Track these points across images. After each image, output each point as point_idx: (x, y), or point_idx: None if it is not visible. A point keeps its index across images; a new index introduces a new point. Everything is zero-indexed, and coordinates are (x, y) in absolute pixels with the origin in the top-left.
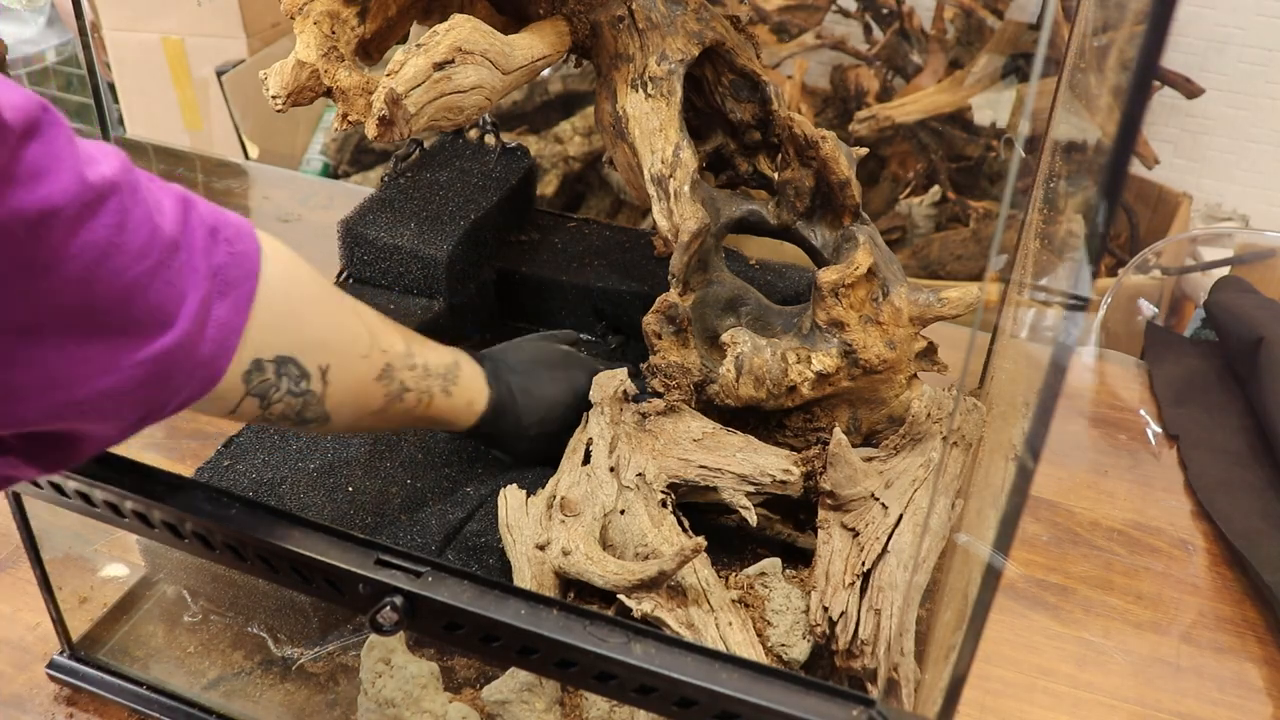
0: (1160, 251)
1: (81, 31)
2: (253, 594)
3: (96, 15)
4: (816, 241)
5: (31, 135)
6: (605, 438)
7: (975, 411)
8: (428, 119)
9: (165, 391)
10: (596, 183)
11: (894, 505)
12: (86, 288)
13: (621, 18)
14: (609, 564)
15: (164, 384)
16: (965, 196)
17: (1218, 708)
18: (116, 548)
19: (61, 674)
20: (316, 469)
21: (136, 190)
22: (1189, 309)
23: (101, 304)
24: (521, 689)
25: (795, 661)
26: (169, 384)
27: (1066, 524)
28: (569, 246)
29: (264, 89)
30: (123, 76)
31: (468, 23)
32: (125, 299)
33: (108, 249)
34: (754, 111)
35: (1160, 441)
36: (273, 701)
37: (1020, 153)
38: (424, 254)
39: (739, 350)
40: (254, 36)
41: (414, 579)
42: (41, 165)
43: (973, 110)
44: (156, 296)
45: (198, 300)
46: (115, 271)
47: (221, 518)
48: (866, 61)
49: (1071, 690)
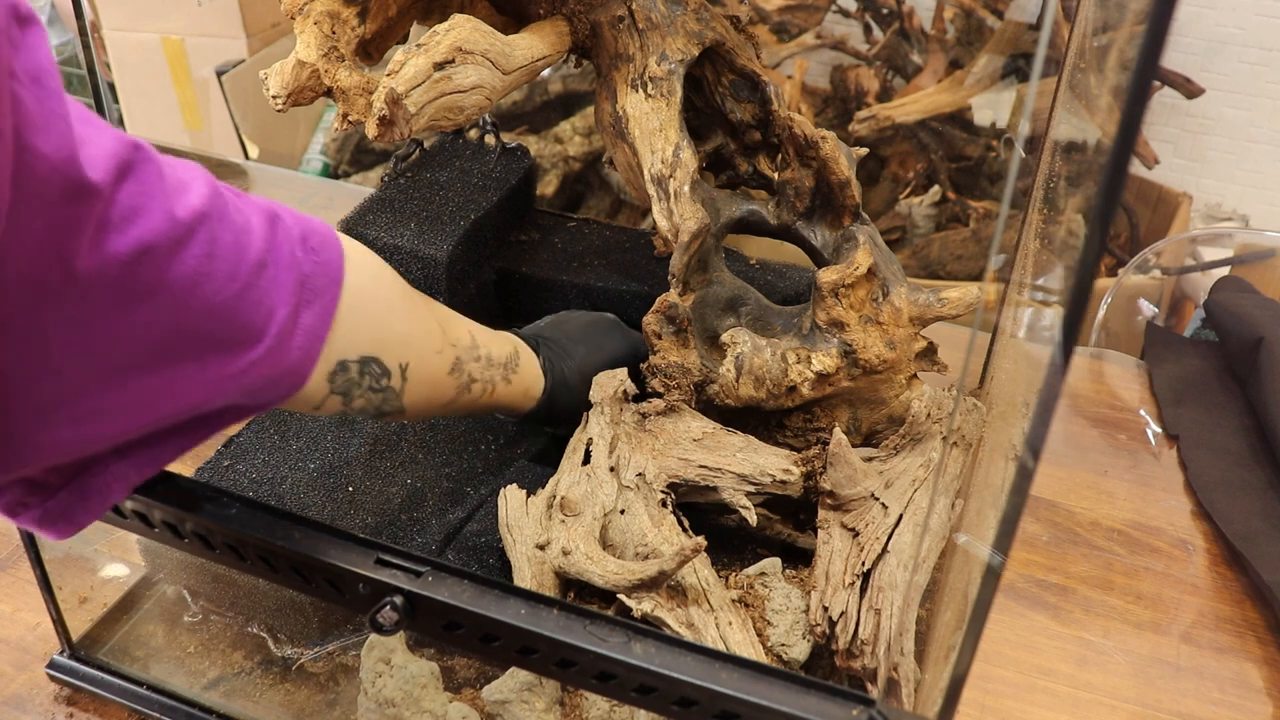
0: (1160, 251)
1: (81, 31)
2: (253, 594)
3: (96, 15)
4: (816, 241)
5: (125, 177)
6: (605, 438)
7: (975, 411)
8: (428, 119)
9: (251, 398)
10: (596, 183)
11: (894, 505)
12: (179, 315)
13: (621, 18)
14: (609, 564)
15: (251, 393)
16: (965, 196)
17: (1218, 708)
18: (116, 548)
19: (61, 674)
20: (316, 469)
21: (225, 215)
22: (1189, 309)
23: (193, 328)
24: (521, 689)
25: (795, 661)
26: (256, 392)
27: (1066, 524)
28: (569, 246)
29: (264, 89)
30: (123, 76)
31: (468, 23)
32: (216, 321)
33: (198, 278)
34: (754, 111)
35: (1160, 441)
36: (273, 701)
37: (1020, 153)
38: (424, 254)
39: (739, 350)
40: (254, 36)
41: (414, 579)
42: (134, 206)
43: (973, 110)
44: (246, 315)
45: (286, 312)
46: (206, 297)
47: (221, 518)
48: (866, 61)
49: (1071, 690)
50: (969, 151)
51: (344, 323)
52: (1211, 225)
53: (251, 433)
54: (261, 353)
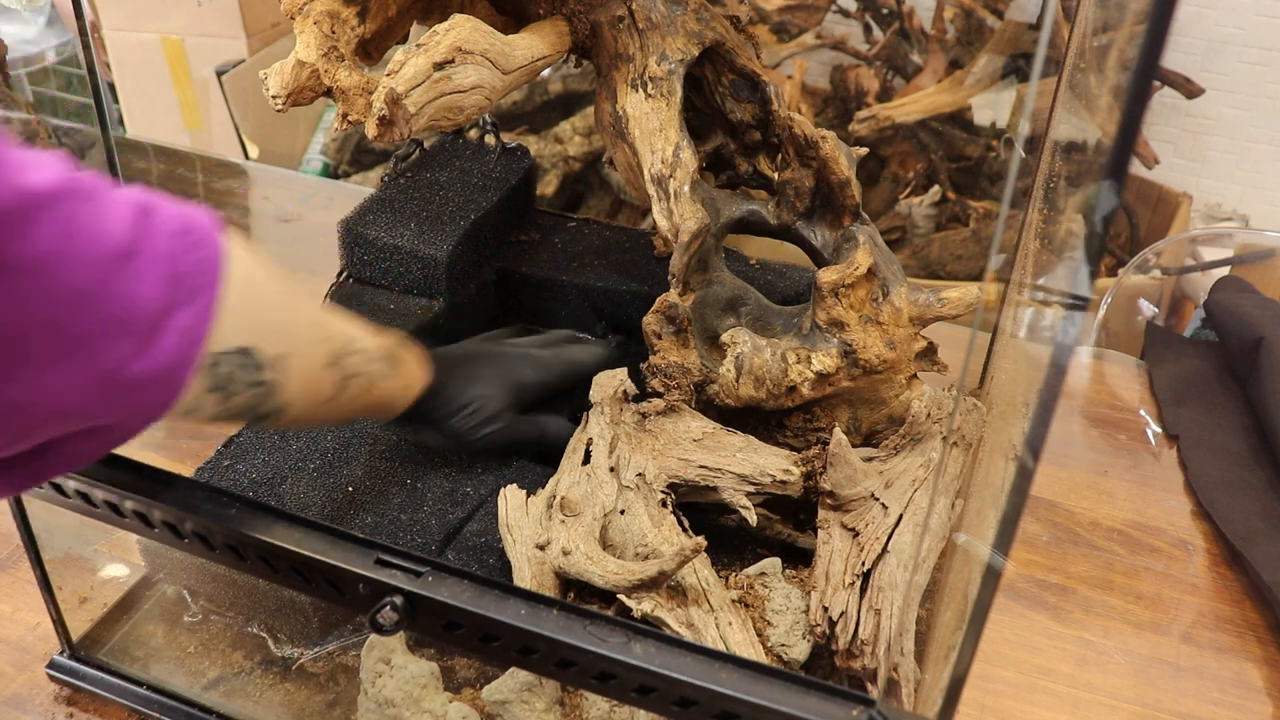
0: (1160, 251)
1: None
2: (253, 594)
3: (96, 15)
4: (816, 241)
5: None
6: (605, 438)
7: (975, 411)
8: (428, 119)
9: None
10: (596, 183)
11: (894, 505)
12: (31, 302)
13: (621, 18)
14: (609, 564)
15: (121, 402)
16: (965, 196)
17: (1218, 708)
18: (116, 548)
19: (61, 674)
20: (316, 469)
21: (87, 197)
22: (1189, 309)
23: (48, 319)
24: (521, 689)
25: (795, 661)
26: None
27: (1066, 524)
28: (569, 246)
29: (264, 89)
30: (123, 76)
31: (468, 23)
32: (75, 311)
33: (54, 258)
34: (754, 111)
35: (1160, 441)
36: (273, 701)
37: (1020, 153)
38: (424, 254)
39: (739, 350)
40: (254, 36)
41: (414, 579)
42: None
43: (973, 110)
44: (109, 306)
45: (156, 308)
46: (63, 282)
47: (221, 518)
48: (866, 61)
49: (1071, 690)
50: (969, 151)
51: (221, 317)
52: (1211, 225)
53: (251, 432)
54: (129, 351)
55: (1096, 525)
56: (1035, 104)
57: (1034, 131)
